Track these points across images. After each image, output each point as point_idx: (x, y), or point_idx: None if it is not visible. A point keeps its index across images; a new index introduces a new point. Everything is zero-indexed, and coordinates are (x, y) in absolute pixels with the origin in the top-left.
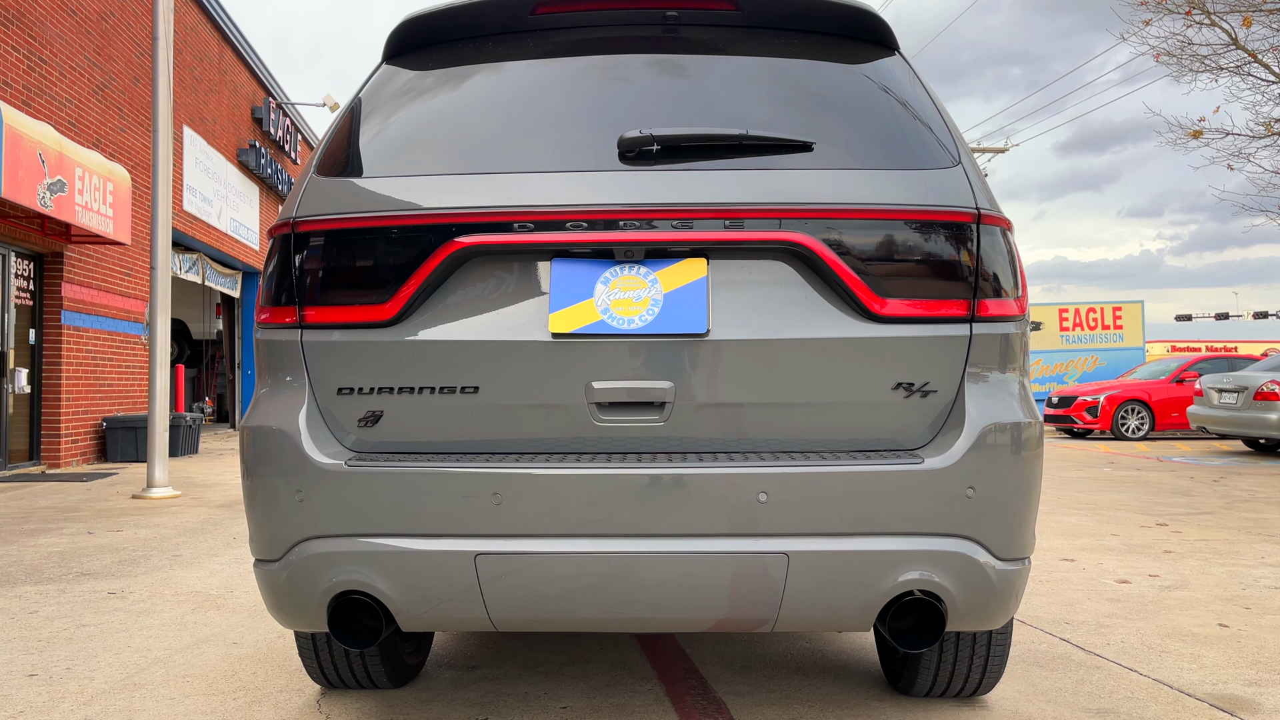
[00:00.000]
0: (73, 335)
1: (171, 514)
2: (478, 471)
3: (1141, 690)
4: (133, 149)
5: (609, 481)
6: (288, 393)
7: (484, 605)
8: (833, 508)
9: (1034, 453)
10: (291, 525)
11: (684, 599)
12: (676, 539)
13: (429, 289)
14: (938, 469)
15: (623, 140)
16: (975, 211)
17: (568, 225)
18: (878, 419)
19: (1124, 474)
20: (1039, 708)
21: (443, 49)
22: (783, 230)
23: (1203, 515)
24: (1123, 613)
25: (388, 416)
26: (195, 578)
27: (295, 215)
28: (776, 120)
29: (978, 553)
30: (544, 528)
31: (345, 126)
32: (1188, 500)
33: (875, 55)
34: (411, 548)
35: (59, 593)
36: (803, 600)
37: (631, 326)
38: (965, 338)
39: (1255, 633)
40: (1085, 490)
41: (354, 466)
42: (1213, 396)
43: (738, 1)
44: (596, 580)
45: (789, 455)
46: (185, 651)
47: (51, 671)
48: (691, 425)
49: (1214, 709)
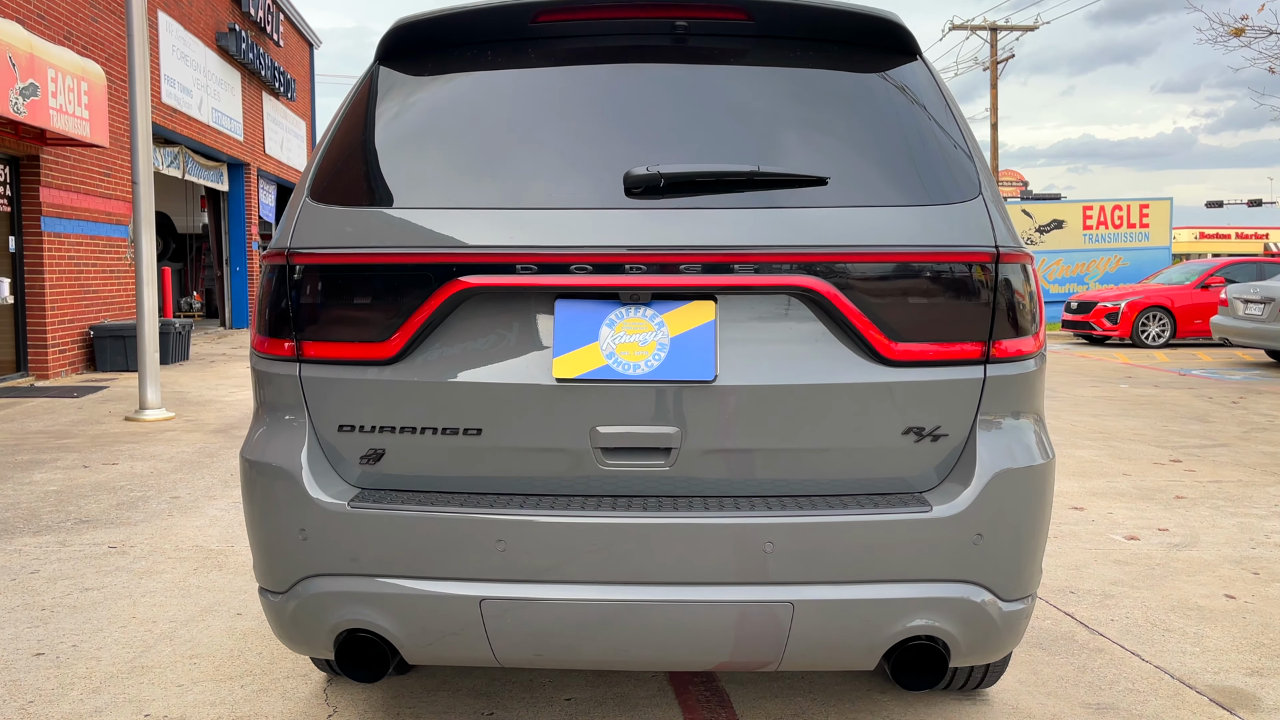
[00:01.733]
0: (54, 242)
1: (166, 441)
2: (482, 518)
3: (1142, 680)
4: (105, 40)
5: (615, 531)
6: (288, 427)
7: (489, 645)
8: (839, 556)
9: (1043, 493)
10: (295, 562)
11: (688, 644)
12: (682, 587)
13: (430, 327)
14: (946, 517)
15: (629, 177)
16: (994, 250)
17: (572, 268)
18: (886, 462)
19: (1141, 392)
20: (1039, 701)
21: (439, 57)
22: (793, 275)
23: (1218, 449)
24: (1129, 579)
25: (390, 454)
26: (195, 528)
27: (290, 245)
28: (790, 146)
29: (983, 596)
30: (549, 574)
31: (339, 143)
32: (1204, 429)
33: (895, 64)
34: (417, 589)
35: (59, 545)
36: (807, 645)
37: (637, 372)
38: (979, 380)
39: (1261, 606)
40: (1100, 413)
41: (357, 508)
42: (1238, 307)
43: (750, 11)
44: (602, 625)
45: (795, 501)
46: (190, 624)
47: (58, 650)
48: (698, 469)
49: (1213, 705)
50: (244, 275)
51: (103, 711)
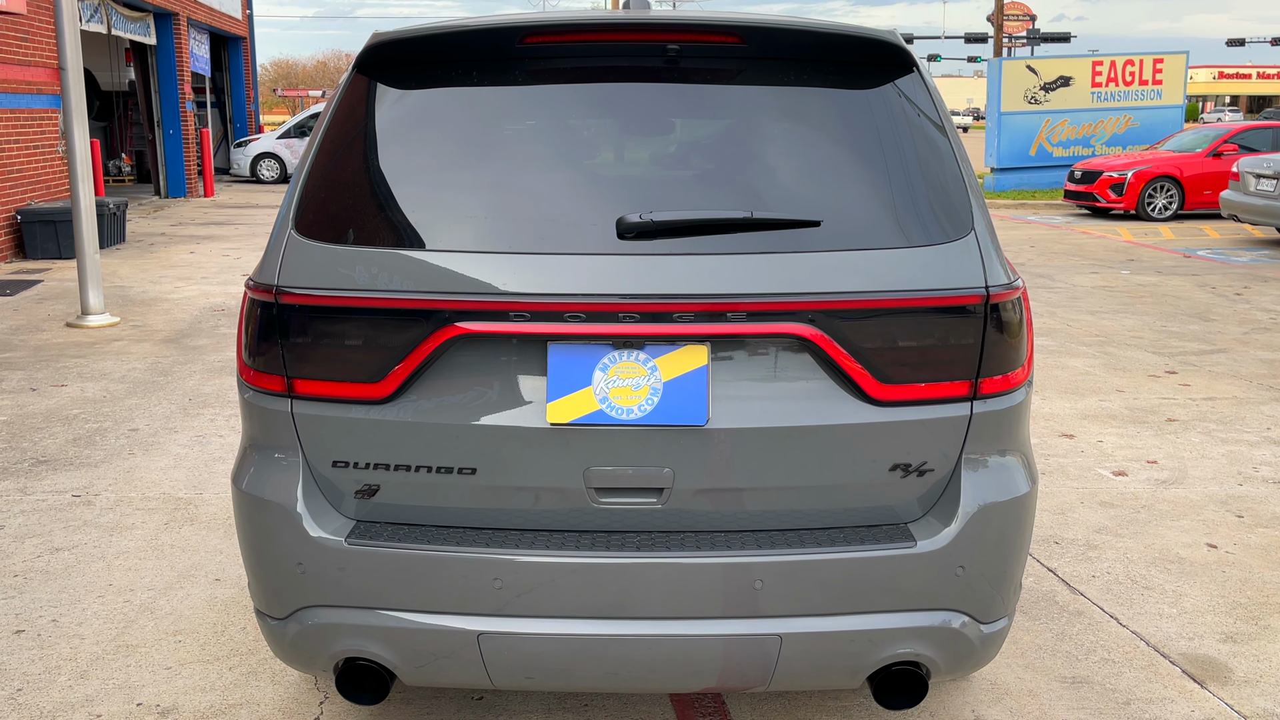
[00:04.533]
0: None
1: (115, 355)
2: (478, 557)
3: (1118, 649)
4: None
5: (610, 571)
6: (281, 463)
7: (486, 673)
8: (827, 590)
9: (1025, 522)
10: (293, 593)
11: (680, 673)
12: (675, 622)
13: (424, 369)
14: (930, 551)
15: (622, 224)
16: (984, 292)
17: (566, 316)
18: (872, 495)
19: (1142, 281)
20: (1016, 675)
21: (422, 77)
22: (786, 322)
23: (1216, 355)
24: (1114, 525)
25: (385, 490)
26: (159, 470)
27: (278, 283)
28: (783, 181)
29: (963, 622)
30: (545, 610)
31: (321, 167)
32: (1204, 329)
33: (892, 86)
34: (416, 622)
35: (20, 494)
36: (794, 672)
37: (630, 416)
38: (965, 417)
39: (1241, 557)
40: (1098, 310)
41: (354, 544)
42: (1249, 182)
43: (744, 35)
44: (596, 657)
45: (784, 537)
46: (169, 593)
47: (38, 626)
48: (690, 505)
49: (1185, 678)
50: (178, 139)
51: (94, 700)
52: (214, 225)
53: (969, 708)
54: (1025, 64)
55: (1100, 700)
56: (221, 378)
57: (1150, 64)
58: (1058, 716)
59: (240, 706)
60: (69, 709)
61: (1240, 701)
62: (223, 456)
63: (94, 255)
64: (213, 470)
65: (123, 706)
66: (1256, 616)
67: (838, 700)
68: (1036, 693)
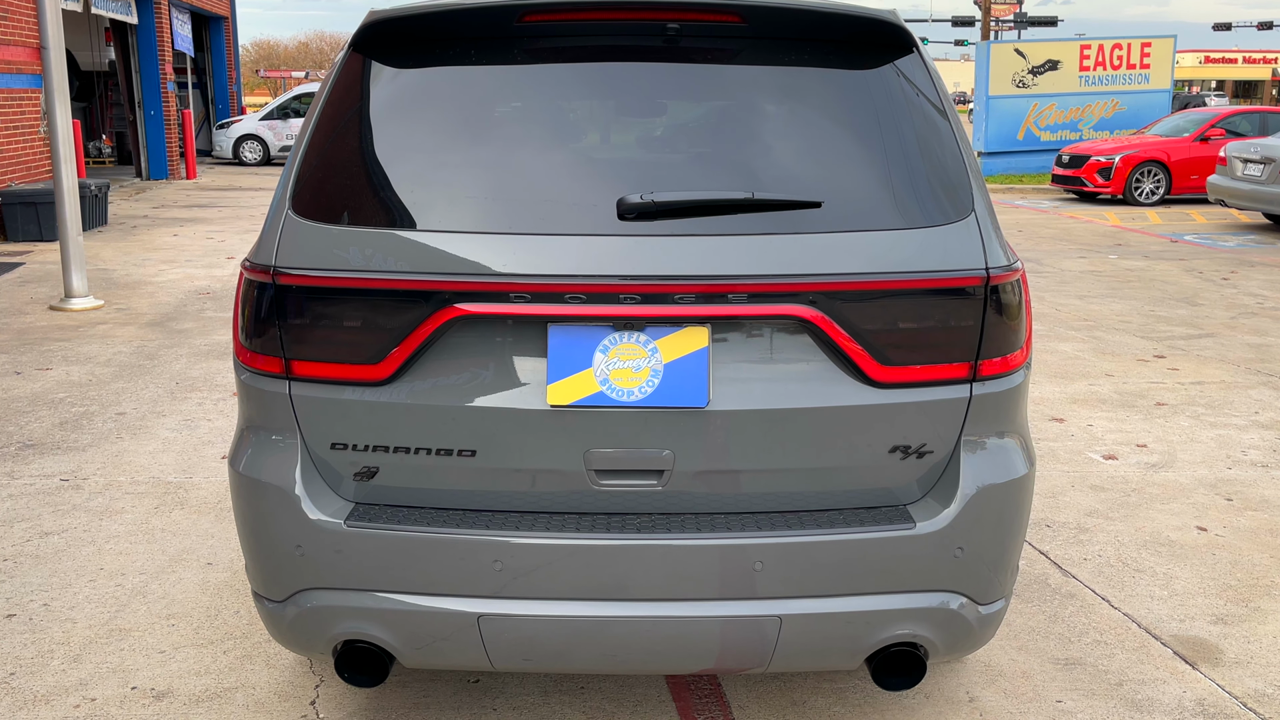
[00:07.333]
0: None
1: (100, 338)
2: (478, 539)
3: (1110, 631)
4: None
5: (610, 552)
6: (280, 444)
7: (486, 654)
8: (826, 572)
9: (1023, 502)
10: (292, 575)
11: (679, 654)
12: (675, 603)
13: (423, 350)
14: (929, 533)
15: (623, 204)
16: (985, 273)
17: (566, 297)
18: (872, 477)
19: (1130, 265)
20: (1009, 657)
21: (419, 55)
22: (787, 304)
23: (1204, 340)
24: (1105, 508)
25: (385, 471)
26: (148, 454)
27: (276, 264)
28: (784, 161)
29: (961, 603)
30: (545, 592)
31: (317, 146)
32: (1191, 314)
33: (892, 67)
34: (415, 604)
35: (8, 478)
36: (793, 653)
37: (631, 398)
38: (965, 399)
39: (1230, 540)
40: (1086, 294)
41: (353, 527)
42: (1236, 167)
43: (744, 14)
44: (596, 638)
45: (784, 518)
46: (161, 577)
47: (30, 609)
48: (690, 487)
49: (1177, 659)
50: (160, 119)
51: (88, 684)
52: (197, 208)
53: (963, 689)
54: (1013, 48)
55: (1093, 681)
56: (208, 361)
57: (1138, 48)
58: (1051, 698)
59: (236, 690)
60: (63, 692)
61: (1231, 682)
62: (212, 440)
63: (77, 237)
64: (202, 454)
65: (117, 690)
66: (1246, 598)
67: (833, 682)
68: (1030, 674)
